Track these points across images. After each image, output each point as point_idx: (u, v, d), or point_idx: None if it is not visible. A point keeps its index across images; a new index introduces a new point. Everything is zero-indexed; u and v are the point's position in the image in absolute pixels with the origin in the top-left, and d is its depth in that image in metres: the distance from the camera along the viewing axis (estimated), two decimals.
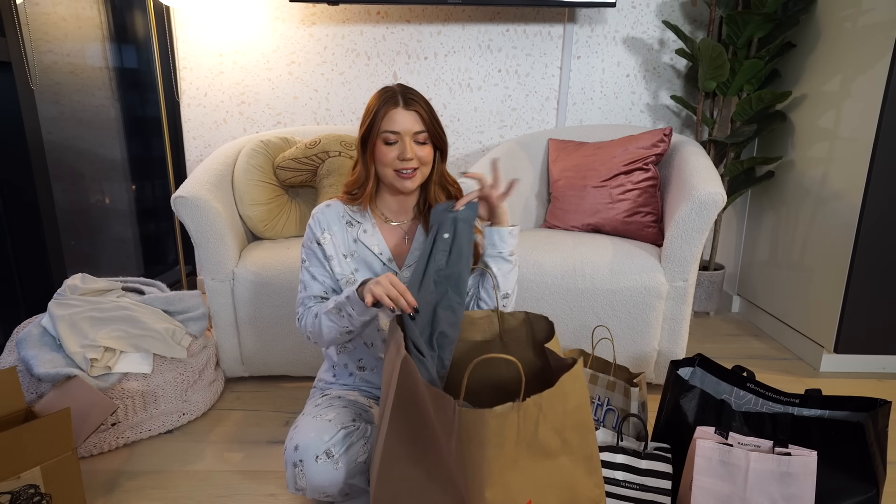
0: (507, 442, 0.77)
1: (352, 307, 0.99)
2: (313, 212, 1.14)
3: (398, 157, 1.05)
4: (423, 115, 1.06)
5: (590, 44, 2.27)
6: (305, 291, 1.13)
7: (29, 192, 1.60)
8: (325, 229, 1.12)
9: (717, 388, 1.21)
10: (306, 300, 1.12)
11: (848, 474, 1.02)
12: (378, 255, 1.12)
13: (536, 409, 0.78)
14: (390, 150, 1.05)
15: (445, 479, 0.81)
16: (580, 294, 1.56)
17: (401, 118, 1.04)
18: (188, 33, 2.26)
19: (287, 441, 1.03)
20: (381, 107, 1.04)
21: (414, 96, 1.06)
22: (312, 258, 1.13)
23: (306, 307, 1.11)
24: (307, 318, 1.09)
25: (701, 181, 1.53)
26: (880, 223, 1.68)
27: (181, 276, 2.27)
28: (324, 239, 1.11)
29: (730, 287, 2.48)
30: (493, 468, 0.77)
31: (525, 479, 0.79)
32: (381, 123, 1.04)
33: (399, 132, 1.04)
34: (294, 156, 1.80)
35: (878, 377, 1.80)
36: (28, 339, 1.36)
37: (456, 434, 0.77)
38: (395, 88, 1.07)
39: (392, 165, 1.06)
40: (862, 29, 1.70)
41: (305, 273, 1.13)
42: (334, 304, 1.02)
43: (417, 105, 1.05)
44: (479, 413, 0.75)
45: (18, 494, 1.02)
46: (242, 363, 1.68)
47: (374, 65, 2.30)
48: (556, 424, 0.81)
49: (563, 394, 0.80)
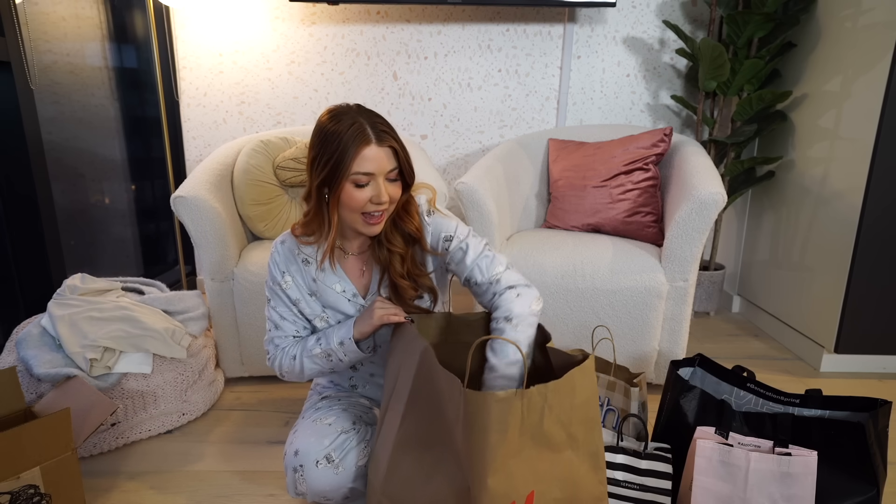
0: (510, 429, 0.77)
1: (344, 353, 1.00)
2: (272, 249, 1.07)
3: (370, 200, 0.92)
4: (397, 148, 0.93)
5: (590, 44, 2.27)
6: (276, 331, 1.07)
7: (28, 192, 1.59)
8: (284, 272, 1.05)
9: (718, 389, 1.21)
10: (277, 339, 1.07)
11: (848, 474, 1.02)
12: (342, 294, 1.05)
13: (541, 399, 0.78)
14: (361, 192, 0.91)
15: (453, 468, 0.82)
16: (580, 294, 1.56)
17: (375, 156, 0.90)
18: (188, 33, 2.26)
19: (287, 446, 1.03)
20: (348, 144, 0.89)
21: (385, 127, 0.92)
22: (277, 300, 1.07)
23: (279, 347, 1.07)
24: (282, 359, 1.06)
25: (701, 181, 1.53)
26: (881, 223, 1.68)
27: (181, 276, 2.27)
28: (285, 283, 1.05)
29: (730, 287, 2.48)
30: (496, 455, 0.77)
31: (528, 470, 0.80)
32: (352, 164, 0.89)
33: (373, 172, 0.91)
34: (294, 156, 1.79)
35: (878, 377, 1.80)
36: (28, 339, 1.36)
37: (462, 418, 0.78)
38: (359, 118, 0.90)
39: (360, 210, 0.93)
40: (862, 29, 1.70)
41: (273, 312, 1.07)
42: (321, 351, 1.01)
43: (390, 139, 0.92)
44: (482, 396, 0.76)
45: (18, 494, 1.02)
46: (242, 363, 1.68)
47: (374, 65, 2.30)
48: (562, 418, 0.81)
49: (571, 387, 0.81)
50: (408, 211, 1.02)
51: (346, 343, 0.99)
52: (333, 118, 0.92)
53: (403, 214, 1.01)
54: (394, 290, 1.04)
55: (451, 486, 0.82)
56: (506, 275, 1.01)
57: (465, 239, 1.03)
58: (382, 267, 1.03)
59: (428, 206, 1.05)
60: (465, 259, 1.02)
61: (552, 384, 0.79)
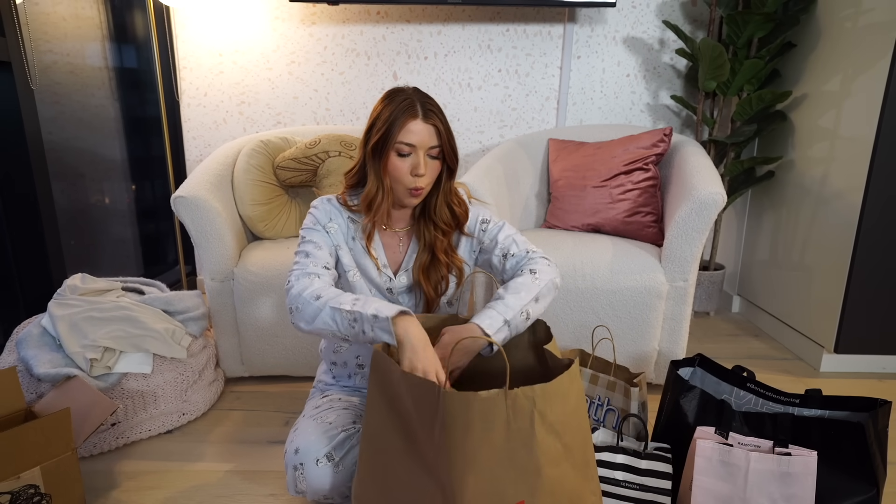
0: (495, 429, 0.75)
1: (371, 328, 0.89)
2: (315, 202, 1.11)
3: (410, 172, 1.01)
4: (441, 129, 1.01)
5: (590, 44, 2.27)
6: (307, 258, 1.03)
7: (29, 192, 1.60)
8: (331, 219, 1.09)
9: (718, 388, 1.21)
10: (306, 265, 1.01)
11: (848, 474, 1.02)
12: (374, 261, 1.10)
13: (528, 402, 0.75)
14: (402, 162, 1.00)
15: (422, 477, 0.81)
16: (580, 294, 1.56)
17: (419, 130, 0.99)
18: (188, 33, 2.26)
19: (287, 444, 1.03)
20: (398, 115, 0.98)
21: (433, 107, 1.01)
22: (315, 233, 1.07)
23: (305, 271, 1.00)
24: (304, 289, 0.96)
25: (701, 181, 1.53)
26: (880, 223, 1.68)
27: (181, 276, 2.27)
28: (330, 227, 1.08)
29: (730, 287, 2.48)
30: (478, 453, 0.75)
31: (520, 479, 0.77)
32: (398, 134, 0.99)
33: (415, 145, 1.00)
34: (294, 156, 1.79)
35: (878, 377, 1.80)
36: (28, 339, 1.36)
37: (440, 420, 0.76)
38: (412, 95, 1.01)
39: (404, 181, 1.01)
40: (862, 29, 1.70)
41: (307, 245, 1.05)
42: (351, 309, 0.91)
43: (436, 118, 1.01)
44: (464, 396, 0.74)
45: (18, 494, 1.02)
46: (242, 363, 1.68)
47: (374, 65, 2.30)
48: (556, 427, 0.78)
49: (563, 393, 0.78)
50: (458, 196, 1.12)
51: (380, 319, 0.88)
52: (390, 94, 1.02)
53: (454, 198, 1.11)
54: (426, 269, 1.10)
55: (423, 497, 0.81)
56: (539, 252, 1.10)
57: (500, 222, 1.15)
58: (426, 243, 1.11)
59: (467, 197, 1.17)
60: (500, 235, 1.12)
61: (539, 387, 0.75)
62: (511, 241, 1.10)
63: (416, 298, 1.14)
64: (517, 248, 1.09)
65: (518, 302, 0.97)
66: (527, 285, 1.00)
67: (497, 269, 1.12)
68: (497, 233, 1.12)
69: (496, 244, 1.11)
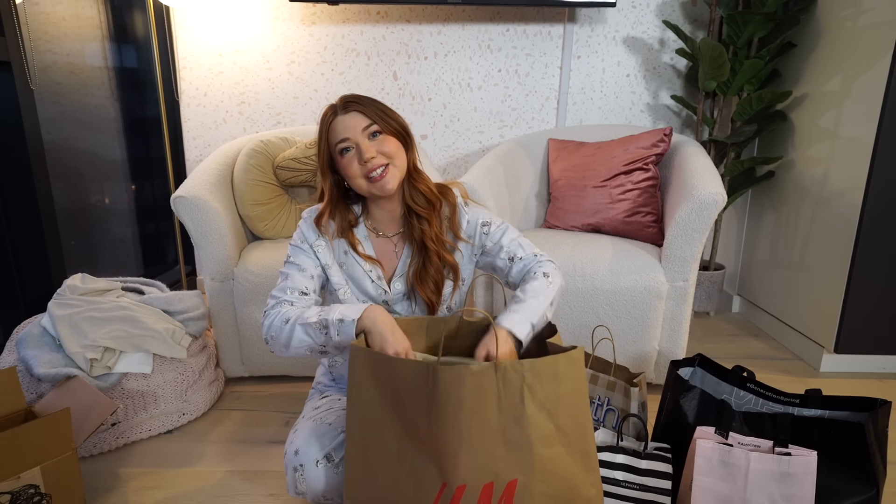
0: (487, 403, 0.77)
1: (337, 332, 0.93)
2: (305, 214, 1.10)
3: (360, 162, 1.01)
4: (365, 111, 1.01)
5: (590, 44, 2.27)
6: (285, 281, 1.05)
7: (29, 192, 1.60)
8: (320, 235, 1.08)
9: (717, 388, 1.21)
10: (282, 290, 1.04)
11: (848, 474, 1.02)
12: (368, 272, 1.09)
13: (518, 376, 0.78)
14: (349, 158, 1.01)
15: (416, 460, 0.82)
16: (580, 294, 1.56)
17: (343, 123, 1.01)
18: (188, 33, 2.26)
19: (287, 445, 1.03)
20: (325, 126, 1.02)
21: (352, 99, 1.02)
22: (301, 253, 1.07)
23: (279, 300, 1.03)
24: (275, 318, 1.00)
25: (701, 181, 1.53)
26: (881, 223, 1.68)
27: (181, 276, 2.27)
28: (318, 246, 1.08)
29: (730, 287, 2.48)
30: (471, 428, 0.77)
31: (510, 456, 0.79)
32: (331, 139, 1.02)
33: (348, 137, 1.00)
34: (294, 156, 1.80)
35: (878, 377, 1.80)
36: (28, 339, 1.36)
37: (434, 398, 0.78)
38: (336, 102, 1.04)
39: (360, 175, 1.02)
40: (862, 29, 1.70)
41: (290, 266, 1.07)
42: (318, 320, 0.95)
43: (355, 105, 1.01)
44: (456, 370, 0.77)
45: (18, 494, 1.02)
46: (242, 363, 1.68)
47: (374, 65, 2.30)
48: (547, 405, 0.80)
49: (554, 373, 0.80)
50: (418, 171, 1.10)
51: (346, 322, 0.93)
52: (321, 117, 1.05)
53: (415, 174, 1.09)
54: (419, 272, 1.08)
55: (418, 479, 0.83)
56: (545, 255, 1.11)
57: (502, 224, 1.13)
58: (416, 241, 1.09)
59: (463, 199, 1.14)
60: (504, 238, 1.11)
61: (527, 361, 0.78)
62: (517, 245, 1.10)
63: (411, 307, 1.13)
64: (524, 251, 1.10)
65: (540, 306, 1.00)
66: (544, 290, 1.02)
67: (502, 271, 1.12)
68: (501, 236, 1.11)
69: (501, 248, 1.10)
